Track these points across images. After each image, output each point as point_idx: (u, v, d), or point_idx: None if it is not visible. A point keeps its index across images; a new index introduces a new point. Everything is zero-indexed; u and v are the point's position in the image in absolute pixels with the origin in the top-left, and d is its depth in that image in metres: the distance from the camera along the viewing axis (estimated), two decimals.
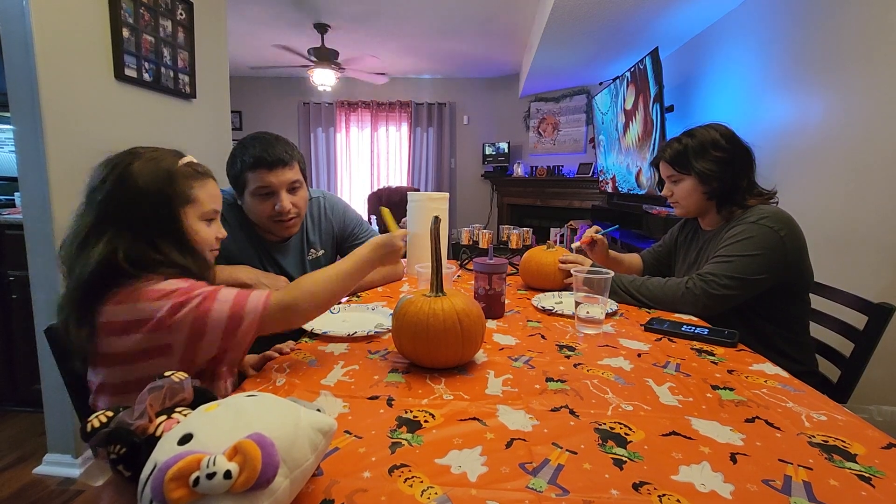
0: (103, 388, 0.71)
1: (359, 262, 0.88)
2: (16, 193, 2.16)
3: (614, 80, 3.53)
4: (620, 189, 3.64)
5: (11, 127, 1.43)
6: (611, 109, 3.71)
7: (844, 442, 0.56)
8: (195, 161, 0.82)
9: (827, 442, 0.56)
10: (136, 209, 0.71)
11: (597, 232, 1.37)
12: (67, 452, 1.57)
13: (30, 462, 1.60)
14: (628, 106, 3.24)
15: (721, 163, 1.17)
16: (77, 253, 0.69)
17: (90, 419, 0.44)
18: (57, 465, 1.56)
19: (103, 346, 0.68)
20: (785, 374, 0.77)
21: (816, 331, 1.19)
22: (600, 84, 4.28)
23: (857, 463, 0.52)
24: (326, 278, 0.82)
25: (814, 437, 0.57)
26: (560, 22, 2.85)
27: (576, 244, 1.38)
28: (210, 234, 0.81)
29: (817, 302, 1.20)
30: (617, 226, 1.58)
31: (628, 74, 3.15)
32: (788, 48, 2.16)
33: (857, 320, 1.09)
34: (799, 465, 0.51)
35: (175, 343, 0.67)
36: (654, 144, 2.81)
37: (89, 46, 1.55)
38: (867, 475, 0.49)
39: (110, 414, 0.44)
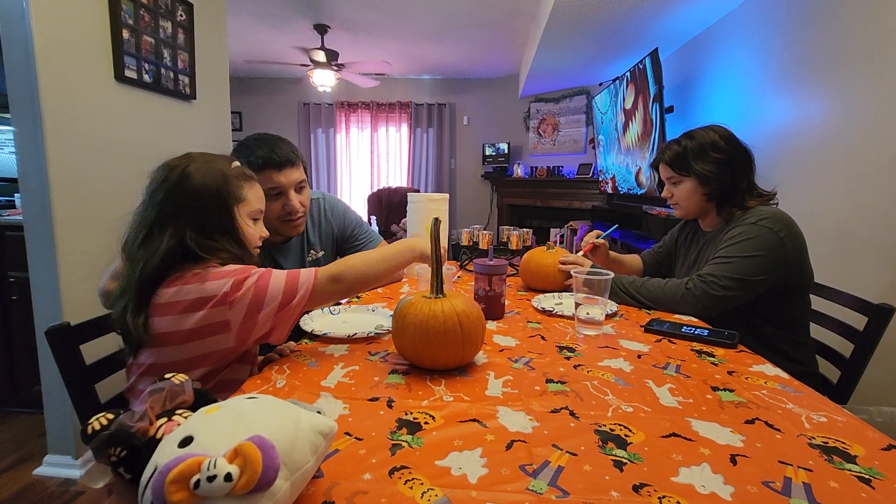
0: (151, 369, 0.75)
1: (400, 250, 0.94)
2: (16, 195, 2.16)
3: (614, 80, 3.53)
4: (620, 189, 3.64)
5: (12, 128, 1.43)
6: (610, 109, 3.71)
7: (844, 443, 0.56)
8: (241, 165, 0.89)
9: (827, 443, 0.56)
10: (195, 205, 0.78)
11: (597, 236, 1.37)
12: (68, 454, 1.57)
13: (30, 463, 1.60)
14: (628, 105, 3.24)
15: (720, 164, 1.17)
16: (141, 246, 0.75)
17: (90, 421, 0.44)
18: (57, 467, 1.56)
19: (161, 326, 0.72)
20: (785, 375, 0.77)
21: (816, 331, 1.19)
22: (600, 85, 4.28)
23: (857, 464, 0.52)
24: (367, 260, 0.88)
25: (814, 438, 0.57)
26: (560, 23, 2.85)
27: (580, 254, 1.38)
28: (256, 232, 0.89)
29: (817, 303, 1.20)
30: (616, 226, 1.58)
31: (628, 74, 3.16)
32: (788, 48, 2.16)
33: (857, 321, 1.10)
34: (799, 467, 0.51)
35: (233, 319, 0.73)
36: (653, 144, 2.81)
37: (89, 48, 1.55)
38: (867, 477, 0.49)
39: (111, 416, 0.44)
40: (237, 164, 0.88)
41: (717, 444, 0.55)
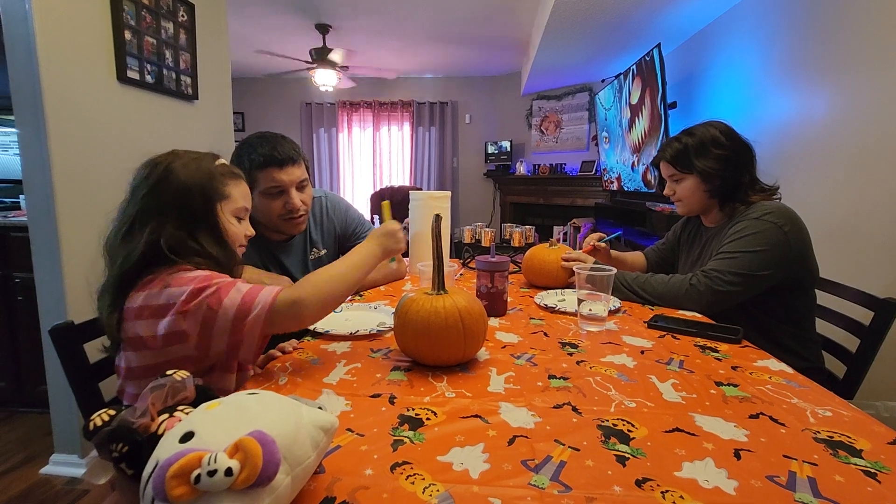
0: (131, 373, 0.74)
1: (364, 255, 0.87)
2: (21, 196, 2.17)
3: (617, 76, 3.51)
4: (626, 189, 3.60)
5: (16, 130, 1.44)
6: (614, 105, 3.68)
7: (850, 437, 0.55)
8: (228, 163, 0.87)
9: (832, 438, 0.55)
10: (178, 201, 0.76)
11: (599, 240, 1.36)
12: (74, 452, 1.58)
13: (37, 462, 1.61)
14: (634, 101, 3.18)
15: (722, 160, 1.16)
16: (121, 242, 0.74)
17: (92, 417, 0.44)
18: (63, 465, 1.57)
19: (134, 330, 0.71)
20: (790, 370, 0.76)
21: (822, 327, 1.18)
22: (602, 81, 4.26)
23: (862, 458, 0.51)
24: (333, 275, 0.80)
25: (819, 432, 0.56)
26: (562, 19, 2.84)
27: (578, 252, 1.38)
28: (240, 230, 0.86)
29: (823, 298, 1.19)
30: (620, 231, 1.57)
31: (634, 68, 3.09)
32: (792, 43, 2.14)
33: (863, 316, 1.09)
34: (804, 461, 0.50)
35: (190, 330, 0.69)
36: (661, 141, 2.79)
37: (91, 49, 1.56)
38: (873, 471, 0.49)
39: (112, 412, 0.44)
40: (223, 161, 0.86)
41: (720, 438, 0.55)
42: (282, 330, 0.73)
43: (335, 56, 3.98)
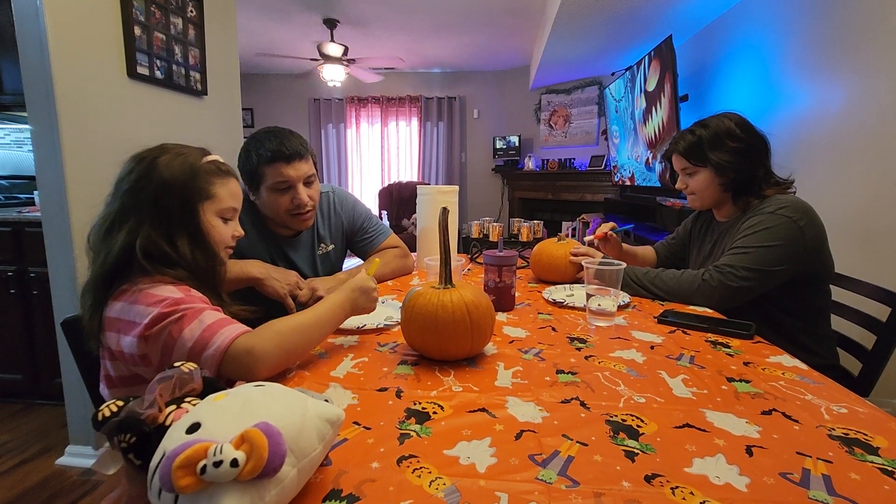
0: (110, 380, 0.73)
1: (332, 308, 0.79)
2: (35, 192, 2.20)
3: (628, 69, 3.46)
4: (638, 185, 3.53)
5: (29, 126, 1.46)
6: (626, 96, 3.60)
7: (866, 435, 0.54)
8: (220, 160, 0.84)
9: (848, 435, 0.54)
10: (157, 200, 0.73)
11: (612, 229, 1.35)
12: (88, 444, 1.61)
13: (52, 453, 1.65)
14: (650, 87, 3.03)
15: (737, 153, 1.14)
16: (103, 240, 0.73)
17: (101, 408, 0.44)
18: (78, 457, 1.60)
19: (108, 340, 0.71)
20: (804, 366, 0.75)
21: (837, 323, 1.16)
22: (612, 74, 4.21)
23: (879, 456, 0.50)
24: (296, 326, 0.73)
25: (834, 429, 0.55)
26: (571, 11, 2.81)
27: (588, 237, 1.37)
28: (226, 231, 0.82)
29: (838, 293, 1.17)
30: (632, 225, 1.56)
31: (652, 52, 2.95)
32: (809, 32, 2.10)
33: (880, 312, 1.06)
34: (818, 459, 0.49)
35: (151, 355, 0.68)
36: None
37: (102, 45, 1.57)
38: (890, 469, 0.48)
39: (121, 403, 0.45)
40: (213, 157, 0.82)
41: (732, 434, 0.54)
42: (233, 378, 0.67)
43: (334, 51, 3.96)
